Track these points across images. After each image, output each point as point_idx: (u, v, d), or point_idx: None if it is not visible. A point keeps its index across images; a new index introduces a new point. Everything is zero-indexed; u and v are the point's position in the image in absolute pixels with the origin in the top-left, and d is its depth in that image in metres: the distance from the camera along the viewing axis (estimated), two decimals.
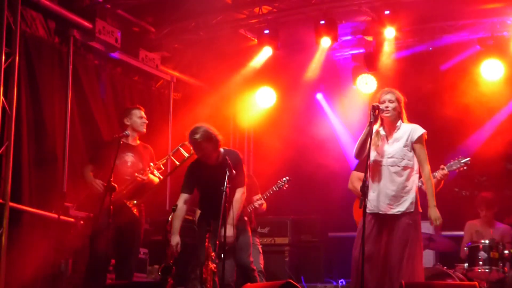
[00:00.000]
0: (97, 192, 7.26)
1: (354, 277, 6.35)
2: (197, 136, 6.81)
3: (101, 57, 9.26)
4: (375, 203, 6.39)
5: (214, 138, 6.88)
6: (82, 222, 8.11)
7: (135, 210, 7.35)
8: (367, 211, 6.31)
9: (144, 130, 7.56)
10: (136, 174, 7.36)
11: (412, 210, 6.35)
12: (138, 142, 7.60)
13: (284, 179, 8.62)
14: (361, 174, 7.05)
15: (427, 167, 6.36)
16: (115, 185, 6.80)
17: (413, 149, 6.38)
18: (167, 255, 6.94)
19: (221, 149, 6.99)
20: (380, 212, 6.39)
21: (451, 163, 7.41)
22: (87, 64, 9.09)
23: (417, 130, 6.41)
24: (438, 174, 7.13)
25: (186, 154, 7.58)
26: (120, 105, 9.33)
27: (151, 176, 7.47)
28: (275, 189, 8.58)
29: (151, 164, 7.49)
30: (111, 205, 6.73)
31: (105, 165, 7.20)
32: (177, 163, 7.65)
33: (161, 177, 7.58)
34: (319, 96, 10.44)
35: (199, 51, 9.94)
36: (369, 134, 6.24)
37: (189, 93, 10.51)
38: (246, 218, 7.40)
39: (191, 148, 7.13)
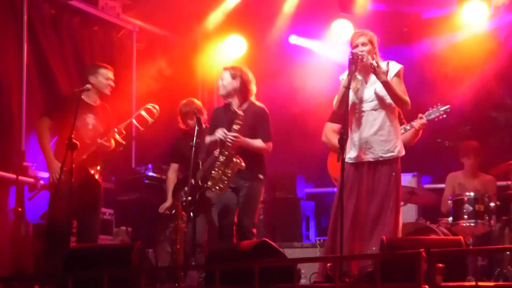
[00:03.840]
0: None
1: (331, 234, 6.00)
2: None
3: (58, 6, 8.79)
4: (356, 152, 6.03)
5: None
6: (42, 182, 7.71)
7: (97, 176, 6.90)
8: (350, 161, 6.01)
9: (109, 92, 7.03)
10: (99, 140, 6.86)
11: (397, 156, 6.03)
12: (98, 102, 7.07)
13: None
14: (335, 125, 6.83)
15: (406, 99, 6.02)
16: (77, 142, 6.26)
17: None
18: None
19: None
20: (365, 160, 6.03)
21: (430, 111, 7.15)
22: (43, 14, 8.61)
23: (394, 66, 6.05)
24: (416, 123, 6.89)
25: (149, 119, 7.21)
26: (79, 57, 8.90)
27: (112, 141, 7.00)
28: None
29: (115, 129, 6.98)
30: (73, 164, 6.18)
31: (63, 121, 6.63)
32: (141, 128, 7.28)
33: (124, 142, 7.05)
34: (293, 39, 9.95)
35: None
36: (348, 85, 5.86)
37: (154, 43, 10.02)
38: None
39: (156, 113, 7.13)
